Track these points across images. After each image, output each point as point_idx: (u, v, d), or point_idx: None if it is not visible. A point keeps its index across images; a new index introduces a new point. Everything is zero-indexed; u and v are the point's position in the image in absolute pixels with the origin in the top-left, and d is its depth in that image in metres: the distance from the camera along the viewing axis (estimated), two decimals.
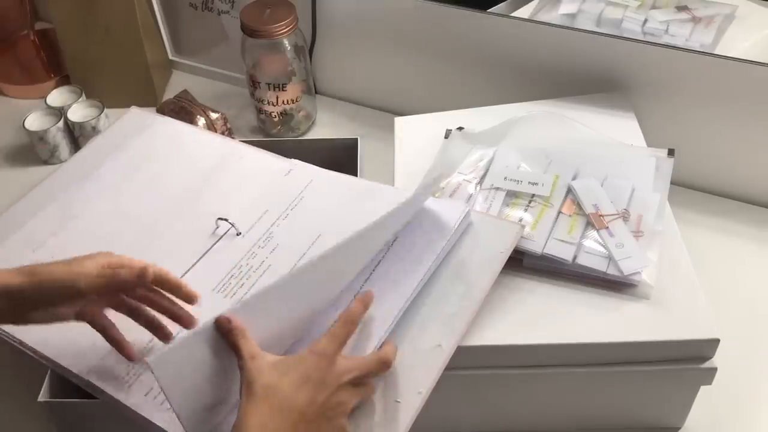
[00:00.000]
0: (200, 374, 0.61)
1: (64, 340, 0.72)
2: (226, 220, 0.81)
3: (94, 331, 0.71)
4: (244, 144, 0.95)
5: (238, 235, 0.81)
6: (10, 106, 1.29)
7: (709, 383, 0.73)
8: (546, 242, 0.75)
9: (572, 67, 1.01)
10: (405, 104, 1.16)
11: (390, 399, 0.65)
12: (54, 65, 1.33)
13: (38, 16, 1.42)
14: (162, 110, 1.11)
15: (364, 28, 1.13)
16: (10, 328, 0.74)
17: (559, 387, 0.75)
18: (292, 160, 0.89)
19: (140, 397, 0.68)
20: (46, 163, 1.16)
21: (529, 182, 0.81)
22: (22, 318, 0.68)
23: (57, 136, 1.14)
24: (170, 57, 1.34)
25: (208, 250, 0.80)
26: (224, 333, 0.61)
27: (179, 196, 0.87)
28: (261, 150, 0.93)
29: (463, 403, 0.77)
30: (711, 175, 1.02)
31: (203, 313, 0.70)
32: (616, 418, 0.79)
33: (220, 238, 0.81)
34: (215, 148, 0.93)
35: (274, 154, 0.91)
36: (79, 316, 0.69)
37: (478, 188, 0.82)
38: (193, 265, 0.78)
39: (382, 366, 0.64)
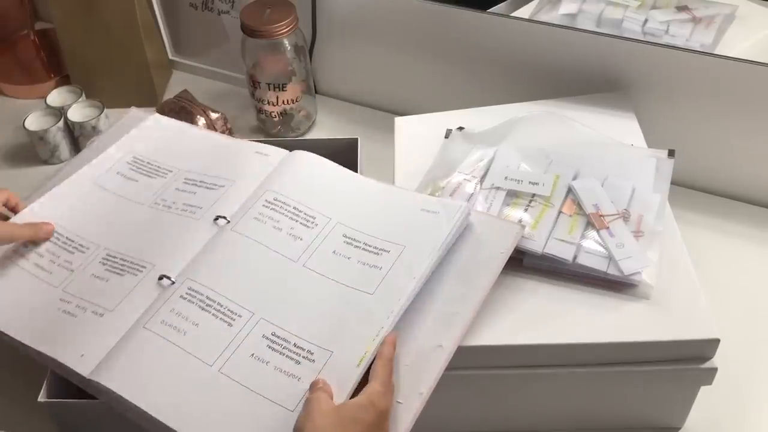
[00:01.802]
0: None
1: (61, 340, 0.72)
2: (224, 218, 0.81)
3: (95, 330, 0.71)
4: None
5: None
6: (10, 106, 1.29)
7: (709, 383, 0.73)
8: (546, 242, 0.75)
9: (572, 67, 1.01)
10: (405, 104, 1.16)
11: None
12: (54, 65, 1.33)
13: (38, 16, 1.42)
14: (162, 110, 1.11)
15: (364, 28, 1.13)
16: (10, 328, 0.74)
17: (559, 387, 0.75)
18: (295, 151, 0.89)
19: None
20: (46, 163, 1.16)
21: (530, 182, 0.81)
22: None
23: (57, 136, 1.14)
24: (170, 57, 1.34)
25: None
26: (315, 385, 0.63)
27: (178, 193, 0.86)
28: None
29: (464, 403, 0.77)
30: (711, 175, 1.02)
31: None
32: (616, 418, 0.79)
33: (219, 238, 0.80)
34: (213, 146, 0.93)
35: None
36: None
37: (478, 188, 0.82)
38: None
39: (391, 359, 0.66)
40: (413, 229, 0.75)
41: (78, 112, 1.17)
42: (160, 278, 0.75)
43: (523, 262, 0.76)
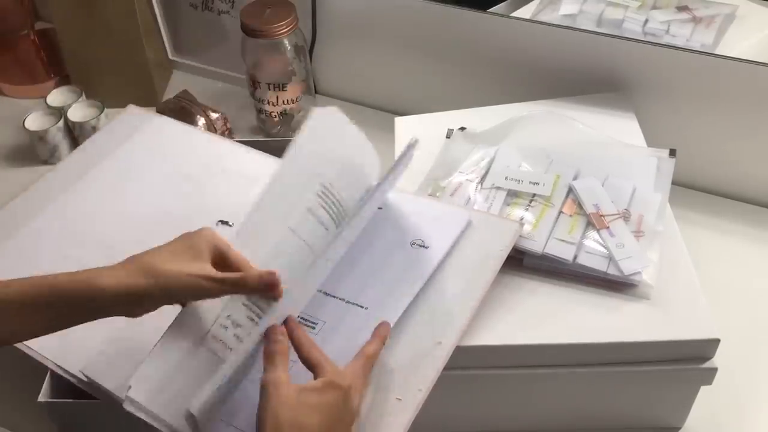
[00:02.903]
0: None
1: (64, 342, 0.72)
2: (226, 222, 0.80)
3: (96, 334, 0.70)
4: (240, 144, 0.95)
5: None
6: (10, 106, 1.29)
7: (709, 383, 0.73)
8: (546, 242, 0.75)
9: (572, 67, 1.01)
10: (405, 104, 1.16)
11: (390, 396, 0.65)
12: (54, 65, 1.33)
13: (38, 16, 1.42)
14: (162, 110, 1.11)
15: (364, 28, 1.13)
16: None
17: (559, 387, 0.75)
18: None
19: None
20: (46, 163, 1.16)
21: (530, 182, 0.81)
22: (132, 314, 0.62)
23: (57, 136, 1.14)
24: (170, 57, 1.34)
25: None
26: (269, 347, 0.60)
27: (177, 198, 0.86)
28: (256, 150, 0.93)
29: (463, 403, 0.77)
30: (711, 175, 1.02)
31: None
32: (616, 418, 0.79)
33: None
34: (212, 149, 0.93)
35: (269, 154, 0.91)
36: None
37: (479, 188, 0.82)
38: None
39: (379, 349, 0.65)
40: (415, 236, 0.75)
41: (78, 112, 1.17)
42: None
43: (523, 262, 0.76)
